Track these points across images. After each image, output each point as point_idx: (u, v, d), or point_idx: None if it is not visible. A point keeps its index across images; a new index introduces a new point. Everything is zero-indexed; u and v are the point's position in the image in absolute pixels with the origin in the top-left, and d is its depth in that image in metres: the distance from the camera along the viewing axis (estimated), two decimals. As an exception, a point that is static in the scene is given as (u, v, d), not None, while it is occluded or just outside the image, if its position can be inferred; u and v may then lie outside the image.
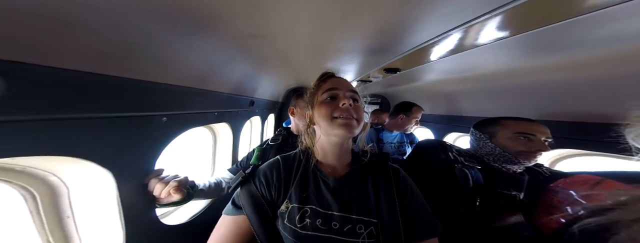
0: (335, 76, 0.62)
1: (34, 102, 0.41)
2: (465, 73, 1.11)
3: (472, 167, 0.78)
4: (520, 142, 0.75)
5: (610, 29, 0.50)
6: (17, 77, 0.38)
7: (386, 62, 1.04)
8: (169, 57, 0.65)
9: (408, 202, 0.55)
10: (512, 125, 0.79)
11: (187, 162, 1.47)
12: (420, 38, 0.69)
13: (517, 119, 0.80)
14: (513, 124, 0.79)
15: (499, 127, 0.81)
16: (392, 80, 1.70)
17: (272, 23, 0.60)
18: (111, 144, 0.60)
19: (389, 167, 0.60)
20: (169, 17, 0.50)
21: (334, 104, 0.55)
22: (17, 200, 0.55)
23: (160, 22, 0.51)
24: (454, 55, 0.82)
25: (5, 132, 0.39)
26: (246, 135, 2.25)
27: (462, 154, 0.87)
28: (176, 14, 0.49)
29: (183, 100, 0.85)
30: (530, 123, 0.77)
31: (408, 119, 1.56)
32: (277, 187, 0.56)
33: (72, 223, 0.65)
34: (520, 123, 0.78)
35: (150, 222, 0.81)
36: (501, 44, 0.65)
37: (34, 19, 0.35)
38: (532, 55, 0.75)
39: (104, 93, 0.54)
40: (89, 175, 0.62)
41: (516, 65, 0.86)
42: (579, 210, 0.52)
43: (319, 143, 0.61)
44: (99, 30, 0.44)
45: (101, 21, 0.43)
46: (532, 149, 0.74)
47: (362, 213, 0.52)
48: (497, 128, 0.82)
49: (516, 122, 0.79)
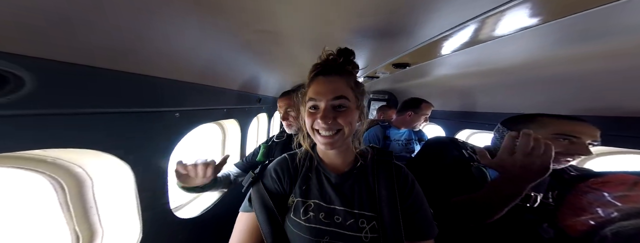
0: (323, 74, 0.54)
1: (63, 97, 0.44)
2: (481, 66, 1.05)
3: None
4: (559, 143, 0.65)
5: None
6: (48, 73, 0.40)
7: (395, 57, 1.01)
8: (180, 53, 0.67)
9: (409, 200, 0.55)
10: (552, 124, 0.68)
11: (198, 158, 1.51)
12: (433, 31, 0.66)
13: (559, 118, 0.69)
14: (554, 123, 0.68)
15: (535, 125, 0.71)
16: (400, 76, 1.65)
17: (277, 18, 0.60)
18: (129, 138, 0.63)
19: (391, 164, 0.59)
20: (179, 13, 0.51)
21: (314, 116, 0.53)
22: (47, 190, 0.60)
23: (172, 19, 0.52)
24: (470, 48, 0.78)
25: (39, 125, 0.42)
26: (253, 132, 2.28)
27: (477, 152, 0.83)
28: (186, 9, 0.50)
29: (194, 96, 0.88)
30: (575, 124, 0.66)
31: (417, 115, 1.52)
32: (288, 181, 0.59)
33: (96, 214, 0.69)
34: (563, 123, 0.67)
35: (165, 214, 0.85)
36: (525, 34, 0.60)
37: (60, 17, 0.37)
38: (563, 44, 0.67)
39: (123, 89, 0.57)
40: (109, 168, 0.66)
41: (543, 56, 0.78)
42: (612, 212, 0.49)
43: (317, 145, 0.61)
44: (119, 29, 0.46)
45: (120, 21, 0.44)
46: (573, 152, 0.64)
47: (364, 208, 0.53)
48: (531, 127, 0.71)
49: (558, 121, 0.68)
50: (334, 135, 0.52)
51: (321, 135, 0.53)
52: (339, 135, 0.53)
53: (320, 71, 0.55)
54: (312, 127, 0.54)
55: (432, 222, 0.55)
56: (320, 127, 0.52)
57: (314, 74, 0.56)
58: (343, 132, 0.53)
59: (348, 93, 0.52)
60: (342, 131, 0.53)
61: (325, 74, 0.54)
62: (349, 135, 0.55)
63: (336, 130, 0.53)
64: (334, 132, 0.52)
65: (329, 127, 0.51)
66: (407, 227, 0.51)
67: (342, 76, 0.53)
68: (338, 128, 0.53)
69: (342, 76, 0.53)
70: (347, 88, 0.53)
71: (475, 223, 0.65)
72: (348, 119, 0.52)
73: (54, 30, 0.38)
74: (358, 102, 0.55)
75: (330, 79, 0.53)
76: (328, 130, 0.52)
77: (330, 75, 0.53)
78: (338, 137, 0.53)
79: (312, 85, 0.55)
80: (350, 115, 0.52)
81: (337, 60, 0.55)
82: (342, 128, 0.52)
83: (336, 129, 0.52)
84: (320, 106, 0.52)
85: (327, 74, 0.54)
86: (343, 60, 0.55)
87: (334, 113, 0.52)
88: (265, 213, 0.54)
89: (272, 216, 0.54)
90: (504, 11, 0.47)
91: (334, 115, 0.51)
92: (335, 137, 0.52)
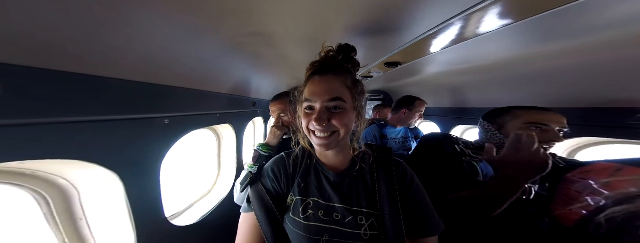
0: (320, 73, 0.53)
1: (38, 104, 0.42)
2: (469, 63, 1.08)
3: (480, 159, 0.75)
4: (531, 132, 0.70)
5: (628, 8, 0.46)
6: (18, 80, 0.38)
7: (386, 56, 1.02)
8: (167, 57, 0.66)
9: (408, 195, 0.54)
10: (523, 115, 0.75)
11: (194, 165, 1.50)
12: (420, 29, 0.67)
13: (529, 109, 0.76)
14: (524, 114, 0.75)
15: (509, 117, 0.77)
16: (393, 75, 1.67)
17: (267, 20, 0.60)
18: (116, 147, 0.62)
19: (390, 161, 0.59)
20: (166, 17, 0.50)
21: (310, 117, 0.52)
22: (30, 204, 0.58)
23: (158, 23, 0.51)
24: (457, 46, 0.79)
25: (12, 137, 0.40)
26: (250, 137, 2.27)
27: (470, 147, 0.83)
28: (173, 13, 0.49)
29: (184, 101, 0.87)
30: (543, 113, 0.73)
31: (411, 113, 1.54)
32: (285, 180, 0.59)
33: (86, 225, 0.67)
34: (532, 112, 0.74)
35: (160, 223, 0.82)
36: (506, 31, 0.62)
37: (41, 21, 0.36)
38: (542, 41, 0.71)
39: (106, 95, 0.55)
40: (96, 178, 0.64)
41: (525, 53, 0.82)
42: (601, 199, 0.50)
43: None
44: (100, 33, 0.45)
45: (102, 24, 0.43)
46: (544, 140, 0.69)
47: (362, 205, 0.53)
48: (507, 119, 0.78)
49: (528, 112, 0.75)
50: (329, 137, 0.52)
51: (317, 136, 0.53)
52: (334, 137, 0.52)
53: (317, 70, 0.54)
54: (308, 127, 0.54)
55: (436, 217, 0.53)
56: (315, 129, 0.52)
57: (311, 72, 0.55)
58: (338, 134, 0.52)
59: (344, 94, 0.51)
60: (337, 133, 0.52)
61: (322, 74, 0.52)
62: (345, 137, 0.54)
63: (331, 132, 0.52)
64: (329, 134, 0.52)
65: (324, 129, 0.51)
66: (409, 223, 0.50)
67: (338, 75, 0.52)
68: (333, 130, 0.52)
69: (338, 75, 0.52)
70: (343, 88, 0.52)
71: (474, 220, 0.66)
72: (344, 120, 0.51)
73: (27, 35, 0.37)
74: (355, 102, 0.54)
75: (326, 78, 0.52)
76: (323, 131, 0.51)
77: (327, 74, 0.52)
78: (333, 138, 0.52)
79: (308, 84, 0.54)
80: (346, 116, 0.52)
81: (336, 58, 0.54)
82: (338, 130, 0.52)
83: (331, 131, 0.52)
84: (316, 107, 0.51)
85: (324, 73, 0.52)
86: (342, 58, 0.54)
87: (329, 114, 0.51)
88: (265, 212, 0.53)
89: (272, 215, 0.54)
90: (485, 8, 0.48)
91: (329, 117, 0.51)
92: (331, 139, 0.52)
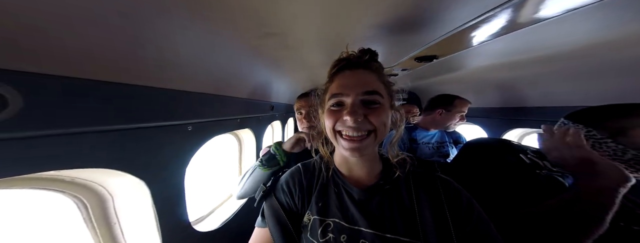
0: (349, 68, 0.46)
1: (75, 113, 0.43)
2: (526, 54, 0.88)
3: (565, 174, 0.59)
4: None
5: None
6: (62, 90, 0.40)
7: (417, 50, 0.88)
8: (187, 63, 0.66)
9: (467, 226, 0.42)
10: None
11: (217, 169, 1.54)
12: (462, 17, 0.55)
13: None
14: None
15: (635, 118, 0.55)
16: (422, 72, 1.47)
17: (285, 20, 0.56)
18: (143, 154, 0.63)
19: (435, 178, 0.49)
20: (184, 22, 0.49)
21: (338, 114, 0.44)
22: (71, 209, 0.61)
23: (177, 28, 0.51)
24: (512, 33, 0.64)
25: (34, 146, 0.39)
26: (268, 141, 2.29)
27: (545, 157, 0.64)
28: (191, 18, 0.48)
29: (206, 107, 0.87)
30: None
31: (450, 114, 1.31)
32: (300, 196, 0.52)
33: (119, 230, 0.70)
34: None
35: (184, 228, 0.84)
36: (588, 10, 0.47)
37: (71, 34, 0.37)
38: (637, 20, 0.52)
39: (134, 103, 0.56)
40: (126, 185, 0.66)
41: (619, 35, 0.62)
42: None
43: (337, 151, 0.53)
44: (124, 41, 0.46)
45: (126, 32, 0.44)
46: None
47: (399, 232, 0.42)
48: (628, 122, 0.56)
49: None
50: (364, 138, 0.42)
51: (347, 137, 0.43)
52: (369, 139, 0.43)
53: (346, 65, 0.46)
54: (334, 128, 0.44)
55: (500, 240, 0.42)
56: (347, 127, 0.42)
57: (337, 68, 0.47)
58: (374, 135, 0.43)
59: (381, 88, 0.44)
60: (374, 133, 0.43)
61: (353, 68, 0.45)
62: (380, 140, 0.45)
63: (367, 132, 0.43)
64: (364, 133, 0.42)
65: (358, 127, 0.41)
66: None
67: (372, 70, 0.45)
68: (369, 129, 0.42)
69: (372, 70, 0.45)
70: (379, 83, 0.44)
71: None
72: (381, 117, 0.42)
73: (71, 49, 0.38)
74: (391, 101, 0.46)
75: (358, 72, 0.45)
76: (357, 130, 0.42)
77: (358, 69, 0.45)
78: (368, 140, 0.43)
79: (336, 79, 0.46)
80: (383, 113, 0.43)
81: (362, 57, 0.47)
82: (375, 129, 0.42)
83: (367, 130, 0.42)
84: (347, 102, 0.43)
85: (355, 67, 0.45)
86: (369, 58, 0.47)
87: (365, 110, 0.42)
88: (280, 230, 0.48)
89: (287, 232, 0.48)
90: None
91: (365, 112, 0.42)
92: (366, 141, 0.43)
